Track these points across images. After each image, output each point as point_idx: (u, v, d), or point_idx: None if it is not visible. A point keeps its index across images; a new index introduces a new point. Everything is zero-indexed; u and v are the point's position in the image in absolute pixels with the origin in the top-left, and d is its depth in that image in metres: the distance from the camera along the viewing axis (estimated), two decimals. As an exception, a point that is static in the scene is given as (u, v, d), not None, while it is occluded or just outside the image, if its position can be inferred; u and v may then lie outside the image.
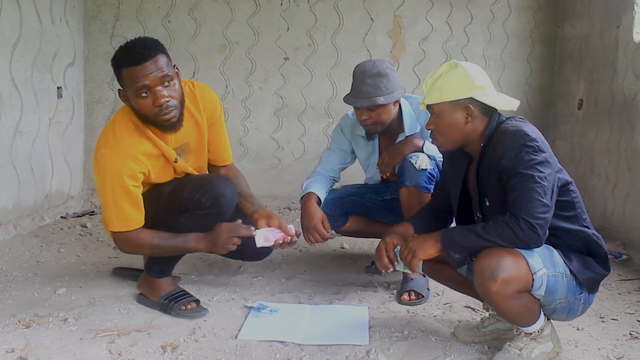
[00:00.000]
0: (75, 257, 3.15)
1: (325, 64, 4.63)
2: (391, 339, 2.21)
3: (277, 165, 4.75)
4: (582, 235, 1.96)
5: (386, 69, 2.60)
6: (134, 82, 2.10)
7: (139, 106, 2.16)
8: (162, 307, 2.38)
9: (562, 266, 1.90)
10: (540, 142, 1.87)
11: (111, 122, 2.30)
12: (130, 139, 2.22)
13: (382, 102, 2.58)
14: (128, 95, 2.17)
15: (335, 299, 2.64)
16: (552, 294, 1.89)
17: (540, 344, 2.00)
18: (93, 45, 4.56)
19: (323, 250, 3.48)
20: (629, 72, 3.53)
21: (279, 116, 4.69)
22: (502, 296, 1.83)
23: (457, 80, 1.94)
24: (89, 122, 4.59)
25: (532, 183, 1.81)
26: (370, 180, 2.99)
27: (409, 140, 2.71)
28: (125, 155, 2.19)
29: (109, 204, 2.22)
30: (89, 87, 4.58)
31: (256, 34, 4.58)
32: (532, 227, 1.79)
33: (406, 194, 2.61)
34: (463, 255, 1.92)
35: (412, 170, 2.58)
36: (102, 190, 2.23)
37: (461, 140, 2.01)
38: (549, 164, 1.86)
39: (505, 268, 1.81)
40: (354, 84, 2.63)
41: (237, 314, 2.43)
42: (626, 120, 3.53)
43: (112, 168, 2.18)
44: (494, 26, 4.60)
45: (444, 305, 2.60)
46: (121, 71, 2.13)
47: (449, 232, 1.96)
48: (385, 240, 2.14)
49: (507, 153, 1.85)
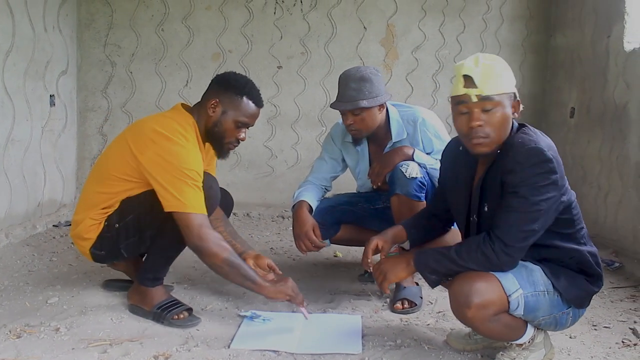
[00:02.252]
0: (67, 266, 3.13)
1: (318, 72, 4.65)
2: (384, 347, 2.20)
3: (270, 173, 4.75)
4: (576, 254, 1.92)
5: (370, 74, 2.63)
6: (245, 115, 2.35)
7: (226, 128, 2.35)
8: (154, 316, 2.36)
9: (544, 284, 1.87)
10: (555, 163, 1.77)
11: (169, 118, 2.32)
12: (196, 140, 2.34)
13: (364, 105, 2.60)
14: (226, 113, 2.34)
15: (329, 308, 2.63)
16: (533, 312, 1.86)
17: (533, 352, 2.00)
18: (86, 53, 4.56)
19: (316, 258, 3.48)
20: (620, 81, 3.56)
21: (273, 124, 4.70)
22: (479, 320, 1.82)
23: (508, 71, 1.82)
24: (81, 130, 4.58)
25: (525, 208, 1.76)
26: (362, 188, 3.00)
27: (399, 149, 2.71)
28: (198, 153, 2.31)
29: (188, 187, 2.17)
30: (82, 95, 4.58)
31: (249, 42, 4.59)
32: (506, 252, 1.78)
33: (397, 202, 2.61)
34: (438, 277, 1.92)
35: (403, 179, 2.58)
36: (177, 175, 2.17)
37: (504, 138, 1.84)
38: (556, 187, 1.78)
39: (478, 293, 1.79)
40: (339, 89, 2.68)
41: (230, 323, 2.41)
42: (617, 129, 3.55)
43: (194, 159, 2.23)
44: (487, 35, 4.64)
45: (437, 314, 2.59)
46: (242, 98, 2.34)
47: (422, 255, 1.95)
48: (373, 241, 2.17)
49: (517, 169, 1.77)
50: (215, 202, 2.43)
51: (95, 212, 2.38)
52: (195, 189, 2.19)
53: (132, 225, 2.36)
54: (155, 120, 2.33)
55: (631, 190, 3.39)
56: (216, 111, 2.35)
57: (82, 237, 2.42)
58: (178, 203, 2.17)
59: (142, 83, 4.60)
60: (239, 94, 2.34)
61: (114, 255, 2.47)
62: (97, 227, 2.39)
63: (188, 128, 2.32)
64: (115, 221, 2.37)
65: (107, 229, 2.38)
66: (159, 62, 4.60)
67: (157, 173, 2.20)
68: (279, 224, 4.31)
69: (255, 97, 2.37)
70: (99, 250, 2.43)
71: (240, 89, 2.35)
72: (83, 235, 2.41)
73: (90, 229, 2.39)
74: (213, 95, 2.36)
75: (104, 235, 2.39)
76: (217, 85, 2.38)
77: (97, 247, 2.42)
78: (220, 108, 2.35)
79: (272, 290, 2.24)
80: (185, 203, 2.17)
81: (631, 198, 3.39)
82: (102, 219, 2.39)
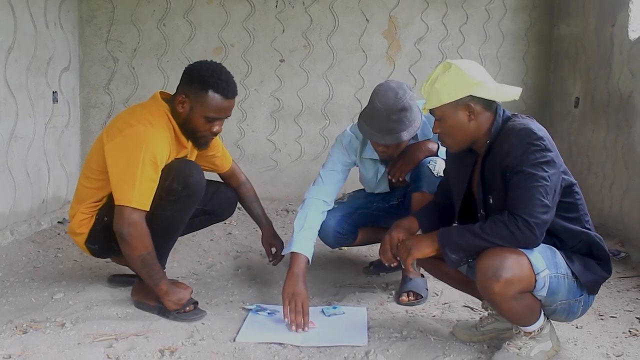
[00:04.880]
0: (72, 262, 3.14)
1: (321, 65, 4.63)
2: (390, 339, 2.20)
3: (274, 167, 4.74)
4: (585, 237, 1.94)
5: (409, 100, 2.39)
6: (212, 110, 2.26)
7: (196, 124, 2.30)
8: (159, 310, 2.36)
9: (564, 267, 1.89)
10: (547, 142, 1.85)
11: (142, 107, 2.35)
12: (166, 126, 2.30)
13: (406, 138, 2.43)
14: (193, 109, 2.27)
15: (334, 300, 2.63)
16: (553, 295, 1.88)
17: (540, 343, 1.99)
18: (88, 49, 4.55)
19: (321, 251, 3.45)
20: (624, 70, 3.53)
21: (276, 118, 4.69)
22: (504, 296, 1.82)
23: (453, 80, 1.93)
24: (85, 127, 4.58)
25: (533, 182, 1.79)
26: (376, 190, 2.86)
27: (422, 143, 2.61)
28: (163, 137, 2.26)
29: (133, 178, 2.17)
30: (85, 92, 4.58)
31: (251, 36, 4.57)
32: (530, 227, 1.78)
33: (420, 199, 2.51)
34: (460, 256, 1.90)
35: (430, 176, 2.50)
36: (128, 163, 2.18)
37: (468, 139, 1.99)
38: (555, 164, 1.84)
39: (508, 268, 1.79)
40: (377, 118, 2.40)
41: (235, 316, 2.41)
42: (623, 118, 3.53)
43: (150, 144, 2.20)
44: (490, 25, 4.61)
45: (443, 305, 2.59)
46: (206, 93, 2.24)
47: (446, 231, 1.95)
48: (391, 235, 2.14)
49: (513, 151, 1.84)
50: (197, 188, 2.35)
51: (85, 206, 2.41)
52: (141, 182, 2.18)
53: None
54: (129, 111, 2.37)
55: (637, 179, 3.36)
56: (184, 107, 2.29)
57: (75, 232, 2.45)
58: (119, 196, 2.20)
59: (145, 78, 4.59)
60: (204, 88, 2.24)
61: (107, 249, 2.48)
62: (88, 221, 2.41)
63: (157, 115, 2.29)
64: (104, 215, 2.38)
65: (97, 223, 2.41)
66: (161, 57, 4.58)
67: (111, 162, 2.23)
68: (283, 218, 4.31)
69: (223, 88, 2.25)
70: (93, 245, 2.46)
71: (205, 82, 2.24)
72: (75, 230, 2.44)
73: (81, 223, 2.41)
74: (181, 90, 2.30)
75: (95, 229, 2.41)
76: (185, 79, 2.30)
77: (91, 242, 2.45)
78: (187, 104, 2.28)
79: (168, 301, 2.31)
80: (124, 196, 2.18)
81: (637, 187, 3.36)
82: (93, 213, 2.41)
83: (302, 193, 4.57)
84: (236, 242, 3.64)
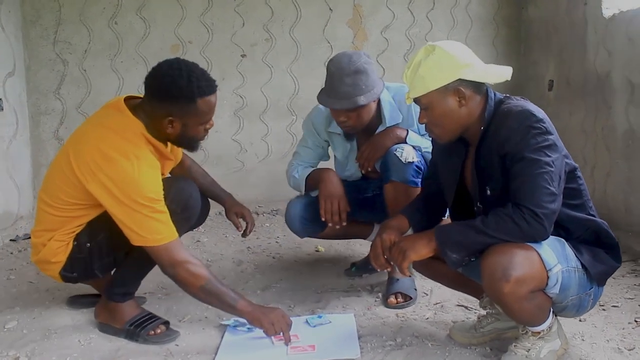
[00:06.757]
0: (27, 283, 2.85)
1: (284, 59, 4.42)
2: (385, 348, 2.03)
3: (240, 168, 4.52)
4: (592, 224, 1.80)
5: (364, 64, 2.35)
6: (206, 114, 2.04)
7: (194, 134, 2.07)
8: (127, 334, 2.14)
9: (574, 260, 1.74)
10: (547, 124, 1.71)
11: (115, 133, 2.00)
12: (148, 150, 2.05)
13: (363, 103, 2.34)
14: (187, 125, 2.03)
15: (317, 308, 2.45)
16: (565, 290, 1.73)
17: (548, 342, 1.85)
18: (34, 52, 4.23)
19: (297, 255, 3.29)
20: (600, 49, 3.43)
21: (240, 116, 4.46)
22: (515, 297, 1.66)
23: (438, 64, 1.77)
24: (35, 135, 4.27)
25: (537, 169, 1.64)
26: (350, 178, 2.75)
27: (390, 130, 2.50)
28: (153, 171, 2.02)
29: (145, 218, 1.94)
30: (33, 98, 4.26)
31: (210, 31, 4.34)
32: (537, 218, 1.63)
33: (392, 189, 2.40)
34: (461, 255, 1.73)
35: (398, 164, 2.37)
36: (131, 206, 1.93)
37: (459, 127, 1.83)
38: (557, 147, 1.70)
39: (518, 266, 1.63)
40: (330, 83, 2.37)
41: (212, 334, 2.21)
42: (601, 99, 3.43)
43: (149, 182, 1.96)
44: (457, 10, 4.47)
45: (435, 306, 2.43)
46: (195, 103, 1.98)
47: (444, 229, 1.78)
48: (382, 237, 1.94)
49: (512, 136, 1.69)
50: (196, 212, 2.22)
51: (60, 234, 2.12)
52: (153, 219, 1.95)
53: (105, 244, 2.13)
54: (99, 136, 2.01)
55: (619, 161, 3.28)
56: (175, 128, 2.02)
57: (49, 261, 2.15)
58: (139, 238, 1.96)
59: (98, 81, 4.30)
60: (191, 101, 1.97)
61: (87, 276, 2.23)
62: (65, 248, 2.13)
63: (138, 142, 2.00)
64: (86, 240, 2.13)
65: (77, 249, 2.13)
66: (114, 57, 4.30)
67: (110, 206, 1.96)
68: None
69: (206, 88, 2.00)
70: (70, 273, 2.18)
71: (189, 93, 1.96)
72: (49, 259, 2.14)
73: (57, 251, 2.13)
74: (163, 111, 1.99)
75: (74, 256, 2.14)
76: (161, 98, 1.99)
77: (67, 270, 2.17)
78: (178, 123, 2.01)
79: (256, 317, 2.05)
80: (147, 237, 1.95)
81: (620, 169, 3.27)
82: (70, 238, 2.13)
83: (271, 194, 4.51)
84: (206, 251, 3.42)
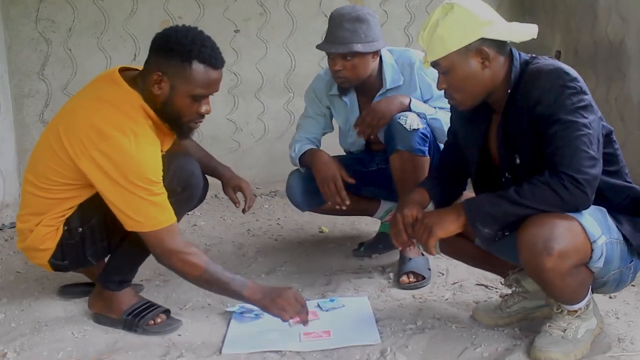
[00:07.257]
0: (14, 274, 2.68)
1: (280, 33, 4.24)
2: (405, 332, 1.89)
3: (236, 149, 4.36)
4: (631, 192, 1.67)
5: (367, 15, 2.32)
6: (200, 86, 1.83)
7: (180, 106, 1.85)
8: (125, 324, 2.00)
9: (616, 231, 1.61)
10: (582, 83, 1.58)
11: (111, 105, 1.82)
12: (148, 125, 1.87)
13: (359, 50, 2.27)
14: (175, 89, 1.82)
15: (328, 291, 2.30)
16: (608, 264, 1.59)
17: (585, 321, 1.71)
18: (15, 32, 4.01)
19: (300, 236, 3.14)
20: (613, 16, 3.29)
21: (234, 95, 4.29)
22: (558, 273, 1.51)
23: (458, 22, 1.63)
24: (19, 119, 4.07)
25: (575, 131, 1.51)
26: (352, 147, 2.64)
27: (393, 97, 2.38)
28: (154, 149, 1.85)
29: (141, 201, 1.77)
30: (16, 80, 4.05)
31: (201, 6, 4.15)
32: (578, 185, 1.48)
33: (398, 159, 2.29)
34: (494, 229, 1.58)
35: (403, 132, 2.26)
36: (127, 188, 1.76)
37: (483, 91, 1.69)
38: (593, 108, 1.57)
39: (560, 237, 1.49)
40: (330, 29, 2.35)
41: (216, 322, 2.06)
42: (614, 68, 3.29)
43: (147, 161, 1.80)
44: (459, -20, 4.30)
45: (453, 286, 2.30)
46: (190, 65, 1.80)
47: (473, 202, 1.64)
48: (403, 213, 1.78)
49: (545, 97, 1.55)
50: (198, 191, 2.08)
51: (49, 218, 1.95)
52: (150, 202, 1.78)
53: (98, 229, 1.97)
54: (93, 109, 1.82)
55: (636, 132, 3.14)
56: (162, 87, 1.82)
57: (37, 249, 1.98)
58: (134, 223, 1.80)
59: (84, 61, 4.10)
60: (186, 60, 1.80)
61: (79, 263, 2.07)
62: (54, 234, 1.96)
63: (136, 116, 1.83)
64: (78, 224, 1.96)
65: (68, 235, 1.96)
66: (100, 36, 4.10)
67: (103, 186, 1.79)
68: (251, 203, 3.94)
69: (209, 57, 1.82)
70: (60, 261, 2.01)
71: (186, 52, 1.80)
72: (38, 246, 1.97)
73: (45, 237, 1.96)
74: (154, 66, 1.82)
75: (65, 242, 1.97)
76: (157, 52, 1.85)
77: (57, 257, 2.00)
78: (166, 83, 1.82)
79: (265, 304, 1.84)
80: (142, 222, 1.79)
81: (636, 139, 3.14)
82: (60, 223, 1.96)
83: (269, 175, 4.34)
84: (203, 235, 3.26)
